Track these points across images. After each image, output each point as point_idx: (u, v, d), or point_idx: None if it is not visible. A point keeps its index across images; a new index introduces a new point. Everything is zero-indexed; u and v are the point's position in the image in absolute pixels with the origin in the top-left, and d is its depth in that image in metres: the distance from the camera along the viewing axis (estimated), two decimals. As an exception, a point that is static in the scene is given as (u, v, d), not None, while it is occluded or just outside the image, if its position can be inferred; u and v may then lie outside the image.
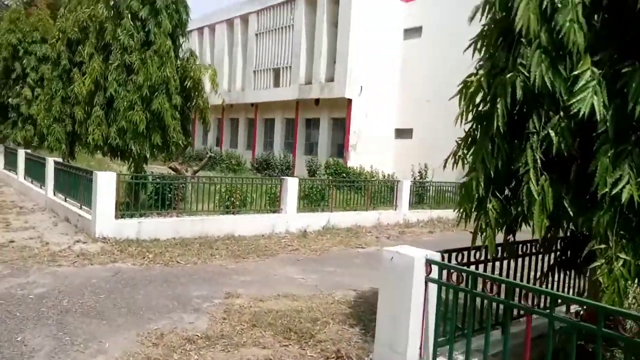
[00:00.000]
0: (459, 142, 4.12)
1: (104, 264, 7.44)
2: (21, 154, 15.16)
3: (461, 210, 3.92)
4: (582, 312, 3.95)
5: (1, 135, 19.58)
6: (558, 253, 4.96)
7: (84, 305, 5.58)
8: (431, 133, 22.47)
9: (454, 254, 4.25)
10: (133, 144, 9.56)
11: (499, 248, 4.41)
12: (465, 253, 4.26)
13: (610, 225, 3.20)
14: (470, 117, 3.93)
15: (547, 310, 3.23)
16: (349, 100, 22.65)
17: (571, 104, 3.19)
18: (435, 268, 3.87)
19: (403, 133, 23.98)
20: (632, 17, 3.26)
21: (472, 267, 4.28)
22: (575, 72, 3.23)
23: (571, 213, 3.42)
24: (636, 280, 3.50)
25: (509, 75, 3.37)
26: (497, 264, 4.68)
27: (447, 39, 21.90)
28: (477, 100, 3.80)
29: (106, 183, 8.80)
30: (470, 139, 4.00)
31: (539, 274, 5.04)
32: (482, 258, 4.44)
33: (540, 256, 5.11)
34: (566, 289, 5.38)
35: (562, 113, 3.31)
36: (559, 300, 3.53)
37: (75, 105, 13.75)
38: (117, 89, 9.52)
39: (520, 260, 4.99)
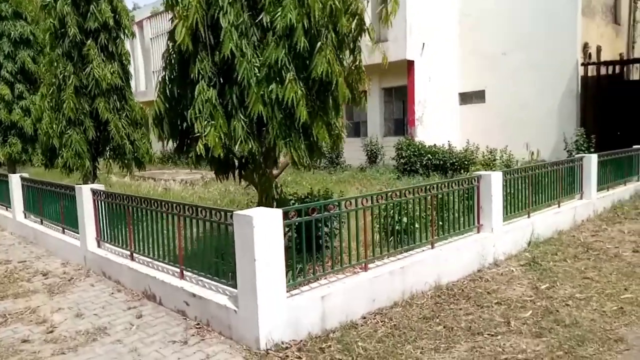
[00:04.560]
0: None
1: None
2: (15, 180, 10.06)
3: None
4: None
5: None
6: None
7: None
8: (513, 94, 18.30)
9: None
10: (284, 147, 4.91)
11: None
12: None
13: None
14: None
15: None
16: (410, 63, 18.13)
17: None
18: None
19: (471, 97, 19.69)
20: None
21: None
22: None
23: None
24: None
25: None
26: None
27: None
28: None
29: (266, 232, 4.19)
30: None
31: None
32: None
33: None
34: None
35: None
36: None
37: (98, 97, 8.95)
38: (237, 43, 4.82)
39: None
